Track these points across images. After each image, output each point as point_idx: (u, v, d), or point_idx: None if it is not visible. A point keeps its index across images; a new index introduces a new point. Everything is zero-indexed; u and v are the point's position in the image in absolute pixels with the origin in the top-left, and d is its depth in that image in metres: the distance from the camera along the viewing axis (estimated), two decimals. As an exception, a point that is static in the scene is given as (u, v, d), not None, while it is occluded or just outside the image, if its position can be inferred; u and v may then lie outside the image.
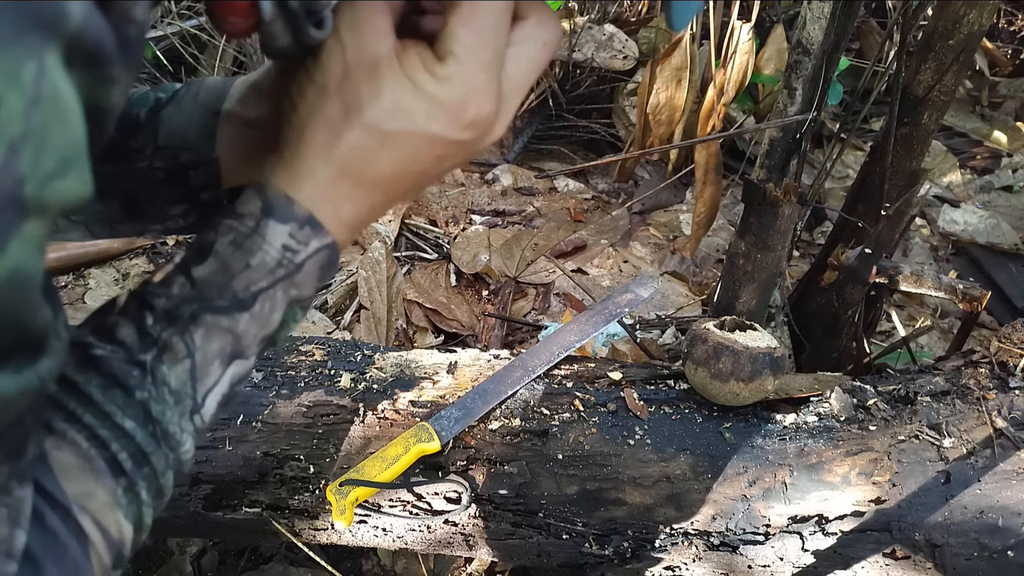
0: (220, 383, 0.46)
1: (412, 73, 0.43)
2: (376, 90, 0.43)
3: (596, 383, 1.05)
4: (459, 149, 0.46)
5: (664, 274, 2.02)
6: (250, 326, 0.46)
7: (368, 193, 0.47)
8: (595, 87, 2.48)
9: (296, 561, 1.30)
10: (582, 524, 0.96)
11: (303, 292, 0.48)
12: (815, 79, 1.18)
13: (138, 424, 0.42)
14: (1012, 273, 2.08)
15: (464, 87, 0.43)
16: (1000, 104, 2.87)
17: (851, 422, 0.98)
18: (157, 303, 0.44)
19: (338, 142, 0.44)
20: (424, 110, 0.43)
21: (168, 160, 0.59)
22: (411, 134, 0.44)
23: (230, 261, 0.45)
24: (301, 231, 0.45)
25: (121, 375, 0.42)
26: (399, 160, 0.45)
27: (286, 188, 0.45)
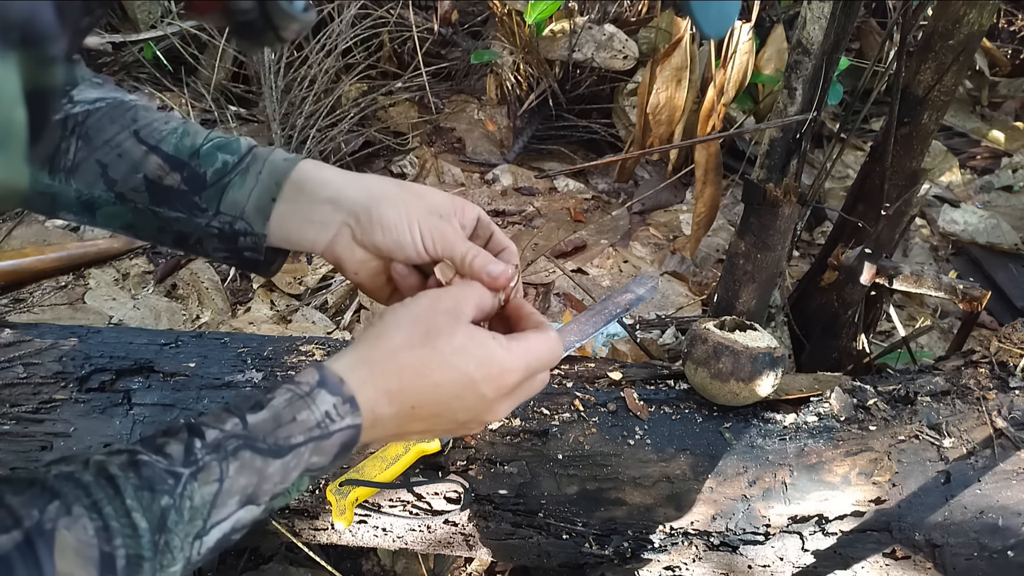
0: (228, 520, 0.49)
1: (482, 336, 0.56)
2: (454, 330, 0.55)
3: (596, 383, 1.05)
4: (479, 405, 0.57)
5: (664, 274, 2.02)
6: (275, 474, 0.50)
7: (403, 400, 0.55)
8: (595, 87, 2.47)
9: (296, 561, 1.30)
10: (582, 524, 0.96)
11: (322, 461, 0.53)
12: (815, 79, 1.18)
13: (150, 527, 0.44)
14: (1012, 273, 2.08)
15: (511, 362, 0.56)
16: (1000, 104, 2.87)
17: (851, 422, 0.98)
18: (209, 433, 0.49)
19: (409, 351, 0.54)
20: (480, 359, 0.55)
21: (224, 224, 0.65)
22: (461, 370, 0.55)
23: (281, 414, 0.51)
24: (343, 406, 0.52)
25: (157, 480, 0.45)
26: (439, 384, 0.55)
27: (341, 370, 0.53)
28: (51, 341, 1.06)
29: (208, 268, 1.96)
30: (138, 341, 1.08)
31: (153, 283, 1.90)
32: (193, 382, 1.02)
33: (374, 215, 0.63)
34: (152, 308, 1.82)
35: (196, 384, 1.02)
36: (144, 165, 0.64)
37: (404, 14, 2.47)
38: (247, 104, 2.41)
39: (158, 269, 1.93)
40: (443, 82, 2.81)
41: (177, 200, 0.65)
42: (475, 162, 2.52)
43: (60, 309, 1.78)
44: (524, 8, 2.15)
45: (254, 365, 1.05)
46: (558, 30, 2.31)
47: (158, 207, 0.65)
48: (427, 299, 0.57)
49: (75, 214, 0.67)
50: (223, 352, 1.08)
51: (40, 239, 1.98)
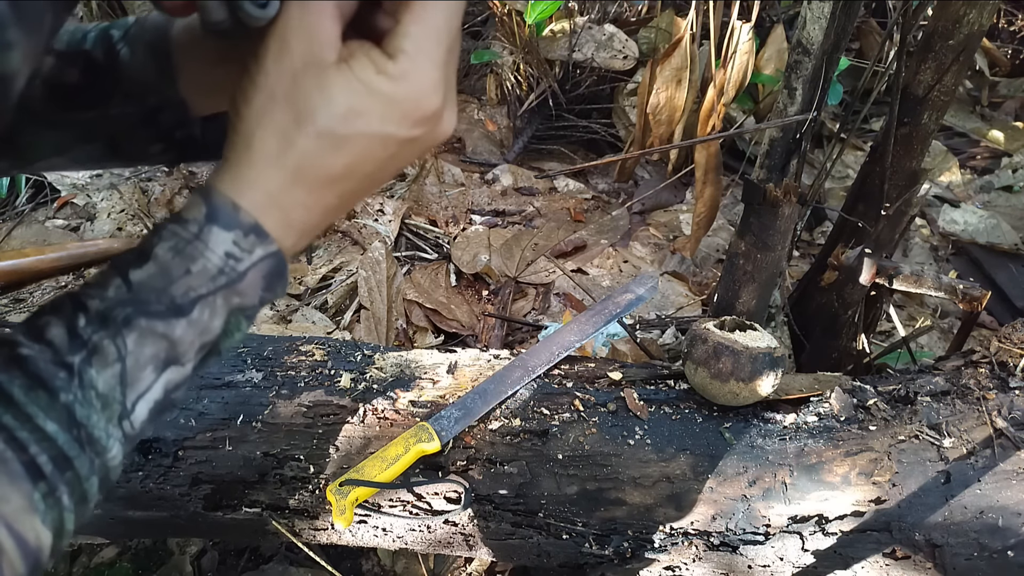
0: (152, 389, 0.45)
1: (363, 75, 0.43)
2: (328, 96, 0.43)
3: (596, 383, 1.05)
4: (412, 146, 0.46)
5: (664, 274, 2.02)
6: (187, 333, 0.45)
7: (321, 197, 0.46)
8: (595, 87, 2.47)
9: (296, 561, 1.30)
10: (582, 524, 0.96)
11: (246, 300, 0.47)
12: (815, 79, 1.18)
13: (61, 427, 0.41)
14: (1012, 273, 2.08)
15: (417, 84, 0.44)
16: (1000, 104, 2.87)
17: (851, 422, 0.98)
18: (91, 304, 0.43)
19: (290, 150, 0.44)
20: (379, 111, 0.44)
21: (136, 104, 0.59)
22: (366, 136, 0.44)
23: (170, 266, 0.44)
24: (246, 239, 0.45)
25: (47, 376, 0.41)
26: (353, 162, 0.45)
27: (233, 194, 0.45)
28: (51, 341, 1.06)
29: (208, 268, 1.95)
30: (138, 341, 1.08)
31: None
32: (193, 382, 1.02)
33: None
34: (152, 308, 1.82)
35: (196, 384, 1.02)
36: (40, 71, 0.58)
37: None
38: None
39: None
40: (443, 82, 2.81)
41: (82, 96, 0.59)
42: (475, 162, 2.52)
43: (60, 309, 1.78)
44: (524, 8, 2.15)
45: (254, 365, 1.05)
46: (558, 30, 2.31)
47: (67, 111, 0.59)
48: (271, 58, 0.44)
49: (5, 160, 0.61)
50: (223, 352, 1.07)
51: (40, 239, 1.98)
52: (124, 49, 0.58)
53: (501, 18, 2.27)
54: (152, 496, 0.98)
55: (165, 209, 2.12)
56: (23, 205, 2.07)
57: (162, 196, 2.15)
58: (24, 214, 2.05)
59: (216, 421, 0.99)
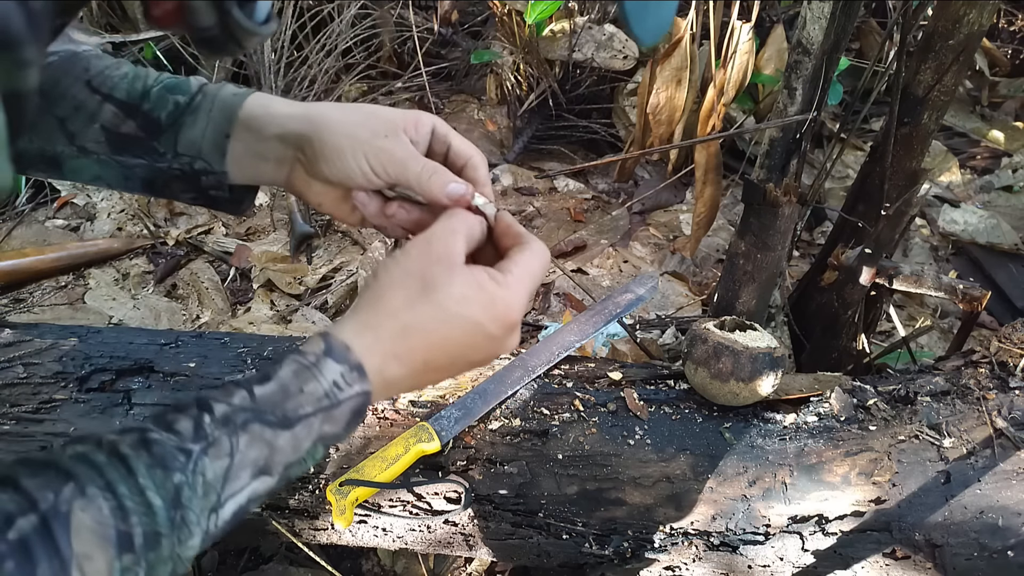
0: (243, 492, 0.49)
1: (479, 276, 0.56)
2: (451, 280, 0.55)
3: (596, 383, 1.05)
4: (489, 345, 0.57)
5: (664, 274, 2.02)
6: (286, 445, 0.51)
7: (413, 360, 0.55)
8: (595, 87, 2.47)
9: (296, 561, 1.30)
10: (582, 524, 0.96)
11: (334, 429, 0.53)
12: (815, 79, 1.18)
13: (165, 504, 0.45)
14: (1012, 273, 2.08)
15: (512, 296, 0.56)
16: (1000, 104, 2.87)
17: (851, 422, 0.98)
18: (217, 408, 0.49)
19: (410, 310, 0.54)
20: (482, 303, 0.55)
21: (184, 165, 0.66)
22: (467, 319, 0.55)
23: (288, 385, 0.51)
24: (351, 374, 0.53)
25: (168, 457, 0.46)
26: (448, 337, 0.55)
27: (347, 338, 0.54)
28: (51, 341, 1.06)
29: (208, 268, 1.96)
30: (138, 341, 1.08)
31: (153, 283, 1.90)
32: (193, 382, 1.02)
33: (317, 148, 0.62)
34: (152, 308, 1.82)
35: (196, 384, 1.02)
36: (100, 115, 0.64)
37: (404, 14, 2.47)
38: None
39: (158, 269, 1.93)
40: (443, 82, 2.81)
41: (136, 147, 0.65)
42: (475, 162, 2.51)
43: (60, 309, 1.78)
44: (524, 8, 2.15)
45: (254, 365, 1.05)
46: (558, 30, 2.31)
47: (119, 155, 0.65)
48: (416, 249, 0.56)
49: (42, 171, 0.67)
50: (223, 352, 1.08)
51: (40, 239, 1.98)
52: (188, 118, 0.65)
53: (501, 18, 2.27)
54: (152, 496, 0.98)
55: (165, 209, 2.12)
56: (23, 205, 2.07)
57: (162, 196, 2.14)
58: (24, 214, 2.05)
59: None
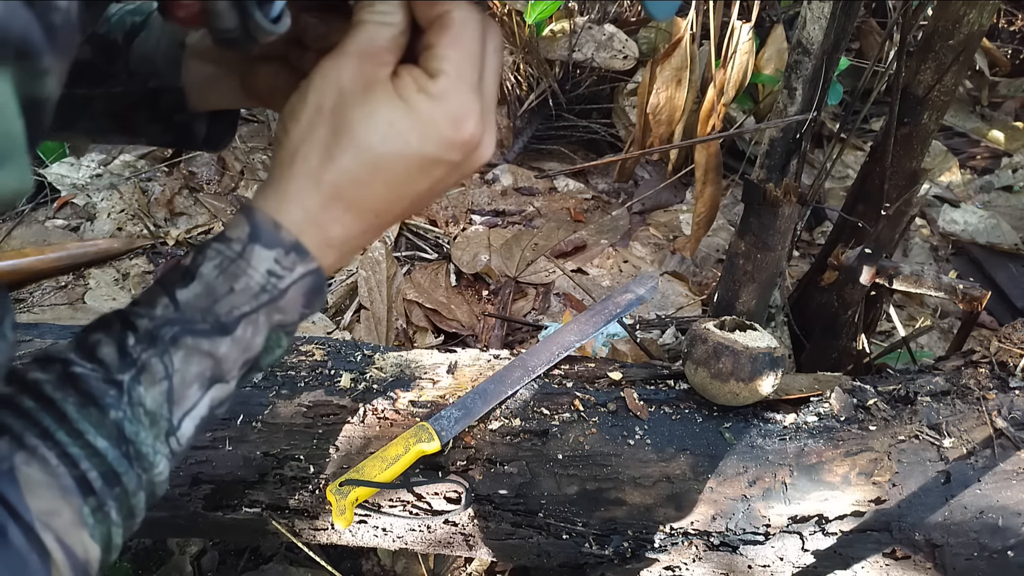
0: (198, 406, 0.46)
1: (404, 92, 0.44)
2: (370, 111, 0.43)
3: (596, 383, 1.05)
4: (452, 170, 0.47)
5: (664, 274, 2.02)
6: (231, 350, 0.46)
7: (360, 216, 0.47)
8: (595, 87, 2.47)
9: (296, 561, 1.30)
10: (582, 524, 0.96)
11: (287, 317, 0.48)
12: (815, 79, 1.18)
13: (111, 443, 0.42)
14: (1012, 273, 2.08)
15: (455, 106, 0.44)
16: (1000, 104, 2.87)
17: (851, 422, 0.98)
18: (140, 323, 0.44)
19: (330, 165, 0.44)
20: (418, 131, 0.44)
21: (138, 84, 0.60)
22: (405, 156, 0.44)
23: (214, 285, 0.45)
24: (287, 257, 0.46)
25: (98, 394, 0.42)
26: (393, 182, 0.45)
27: (274, 213, 0.46)
28: (51, 341, 1.06)
29: (208, 268, 1.95)
30: (138, 341, 1.08)
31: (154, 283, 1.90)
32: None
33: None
34: (152, 308, 1.82)
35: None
36: None
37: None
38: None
39: (158, 269, 1.93)
40: (443, 82, 2.81)
41: (92, 73, 0.60)
42: (475, 162, 2.51)
43: (60, 309, 1.78)
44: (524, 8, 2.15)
45: (254, 365, 1.05)
46: (558, 30, 2.31)
47: (72, 87, 0.60)
48: (319, 77, 0.45)
49: None
50: (223, 352, 1.08)
51: (40, 239, 1.98)
52: (143, 33, 0.60)
53: (501, 18, 2.27)
54: (152, 496, 0.98)
55: (165, 209, 2.12)
56: (23, 205, 2.07)
57: (162, 196, 2.15)
58: (24, 214, 2.05)
59: (216, 421, 0.99)
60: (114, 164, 2.20)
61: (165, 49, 0.60)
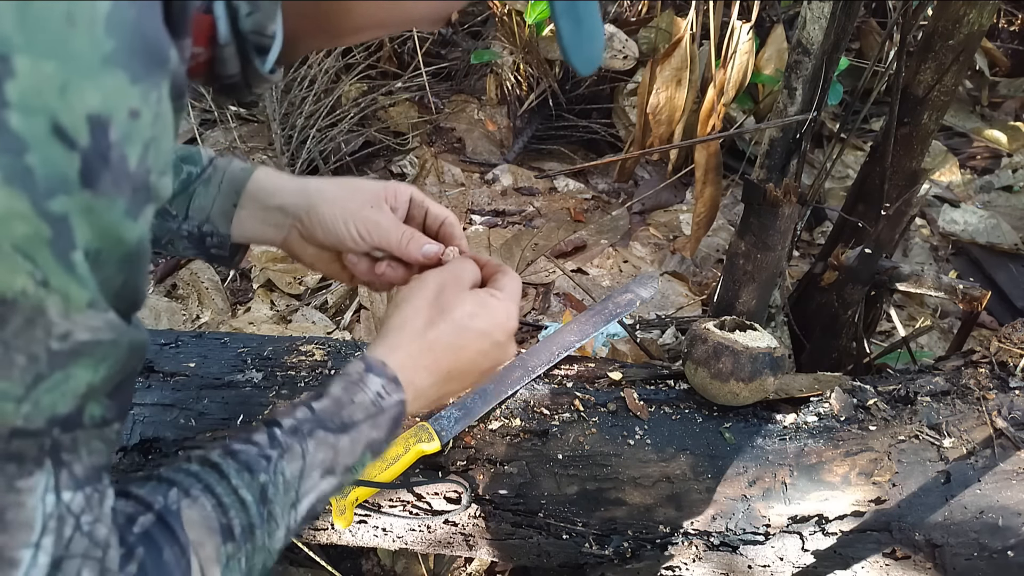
0: (315, 490, 0.57)
1: (482, 296, 0.69)
2: (462, 300, 0.67)
3: (596, 383, 1.05)
4: (496, 351, 0.68)
5: (664, 274, 2.02)
6: (345, 447, 0.59)
7: (439, 369, 0.66)
8: (595, 87, 2.47)
9: (296, 561, 1.30)
10: (582, 524, 0.96)
11: (379, 435, 0.62)
12: (815, 79, 1.18)
13: (255, 499, 0.53)
14: (1012, 273, 2.08)
15: (510, 307, 0.69)
16: (1000, 104, 2.87)
17: (851, 422, 0.98)
18: (285, 422, 0.57)
19: (431, 330, 0.65)
20: (488, 315, 0.67)
21: (192, 227, 0.75)
22: (477, 330, 0.67)
23: (341, 398, 0.60)
24: (389, 385, 0.62)
25: (252, 462, 0.54)
26: (464, 347, 0.66)
27: (383, 357, 0.63)
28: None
29: (208, 268, 1.96)
30: (138, 341, 1.08)
31: (153, 283, 1.90)
32: (193, 382, 1.02)
33: (313, 218, 0.73)
34: (152, 308, 1.82)
35: (196, 384, 1.02)
36: None
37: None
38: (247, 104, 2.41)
39: (158, 269, 1.93)
40: (443, 82, 2.81)
41: None
42: (475, 162, 2.52)
43: (60, 309, 1.77)
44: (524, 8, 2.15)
45: (254, 365, 1.05)
46: (558, 30, 2.31)
47: None
48: (431, 279, 0.68)
49: None
50: (223, 352, 1.08)
51: (40, 239, 1.98)
52: (200, 187, 0.74)
53: (501, 18, 2.27)
54: (152, 496, 0.98)
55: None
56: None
57: (162, 196, 2.14)
58: (24, 214, 2.05)
59: (216, 421, 0.99)
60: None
61: (220, 206, 0.74)
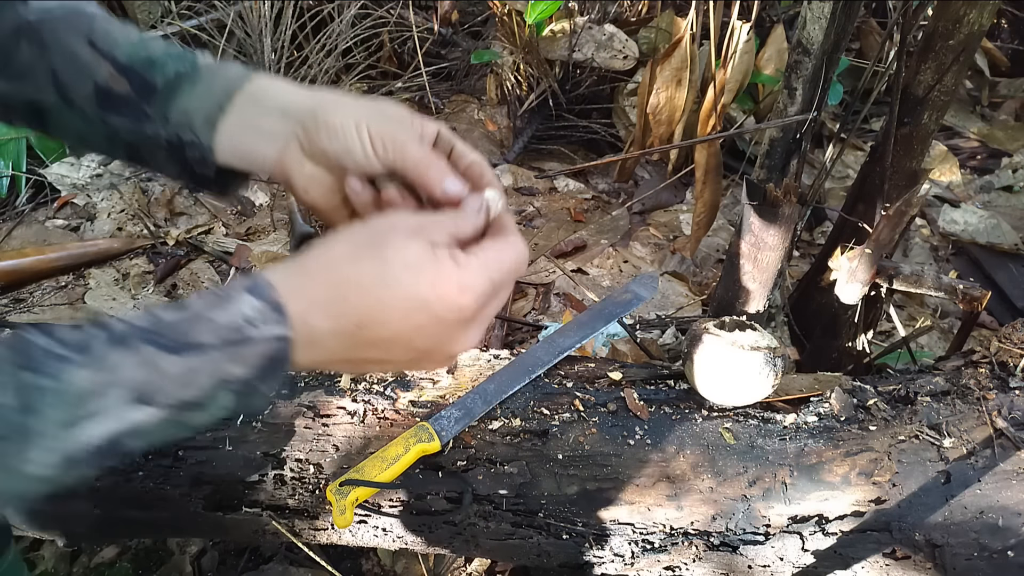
0: (112, 416, 0.44)
1: (439, 250, 0.50)
2: (405, 243, 0.50)
3: (596, 383, 1.05)
4: (436, 330, 0.50)
5: (664, 274, 2.02)
6: (175, 372, 0.45)
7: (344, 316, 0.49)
8: (595, 87, 2.47)
9: (296, 561, 1.30)
10: (582, 524, 0.96)
11: (243, 372, 0.47)
12: (815, 79, 1.18)
13: (13, 403, 0.42)
14: (1012, 273, 2.08)
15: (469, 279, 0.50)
16: (1000, 104, 2.87)
17: (851, 422, 0.98)
18: (116, 326, 0.46)
19: (352, 261, 0.49)
20: (432, 276, 0.49)
21: (171, 135, 0.62)
22: (410, 287, 0.49)
23: (199, 313, 0.47)
24: (267, 312, 0.47)
25: (35, 359, 0.42)
26: (387, 303, 0.49)
27: (277, 277, 0.49)
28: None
29: (208, 268, 1.96)
30: (138, 341, 1.08)
31: (153, 283, 1.90)
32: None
33: (320, 119, 0.59)
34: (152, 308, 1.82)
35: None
36: (96, 72, 0.62)
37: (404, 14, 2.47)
38: None
39: (158, 269, 1.93)
40: (443, 82, 2.81)
41: (125, 107, 0.62)
42: (475, 162, 2.51)
43: (60, 309, 1.78)
44: (524, 8, 2.15)
45: (254, 365, 1.05)
46: (558, 30, 2.31)
47: (107, 114, 0.63)
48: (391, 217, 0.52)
49: (27, 122, 0.65)
50: (223, 352, 1.07)
51: (40, 239, 1.98)
52: (186, 87, 0.62)
53: (501, 18, 2.27)
54: (152, 496, 0.98)
55: (165, 209, 2.12)
56: (23, 205, 2.07)
57: (162, 196, 2.15)
58: (24, 214, 2.05)
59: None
60: (114, 164, 2.20)
61: (207, 110, 0.61)
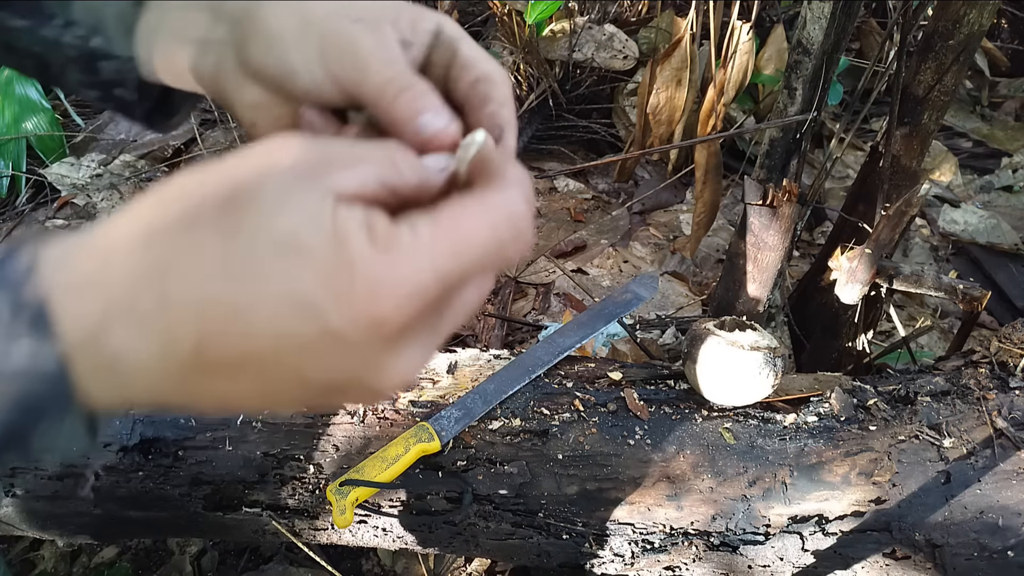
0: None
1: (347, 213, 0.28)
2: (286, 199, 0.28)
3: (596, 383, 1.05)
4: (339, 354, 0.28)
5: (664, 274, 2.02)
6: None
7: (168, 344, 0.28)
8: (595, 87, 2.47)
9: (296, 561, 1.30)
10: (582, 524, 0.96)
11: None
12: (815, 79, 1.18)
13: None
14: (1012, 273, 2.08)
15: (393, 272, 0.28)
16: (1000, 104, 2.87)
17: (851, 422, 0.98)
18: None
19: (184, 235, 0.28)
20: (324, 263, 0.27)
21: (78, 40, 0.46)
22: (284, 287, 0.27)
23: None
24: (17, 319, 0.27)
25: None
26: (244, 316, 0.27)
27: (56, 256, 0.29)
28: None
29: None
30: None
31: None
32: None
33: (254, 23, 0.38)
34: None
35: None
36: None
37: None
38: None
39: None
40: (443, 82, 2.80)
41: (21, 5, 0.47)
42: (475, 162, 2.51)
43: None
44: (524, 8, 2.15)
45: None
46: (558, 30, 2.31)
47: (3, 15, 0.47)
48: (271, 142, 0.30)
49: None
50: (223, 352, 1.07)
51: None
52: None
53: (501, 18, 2.27)
54: (152, 496, 0.98)
55: (165, 209, 2.12)
56: (23, 205, 2.07)
57: (162, 196, 2.14)
58: (24, 214, 2.05)
59: (216, 421, 0.99)
60: (114, 164, 2.20)
61: (118, 5, 0.45)
